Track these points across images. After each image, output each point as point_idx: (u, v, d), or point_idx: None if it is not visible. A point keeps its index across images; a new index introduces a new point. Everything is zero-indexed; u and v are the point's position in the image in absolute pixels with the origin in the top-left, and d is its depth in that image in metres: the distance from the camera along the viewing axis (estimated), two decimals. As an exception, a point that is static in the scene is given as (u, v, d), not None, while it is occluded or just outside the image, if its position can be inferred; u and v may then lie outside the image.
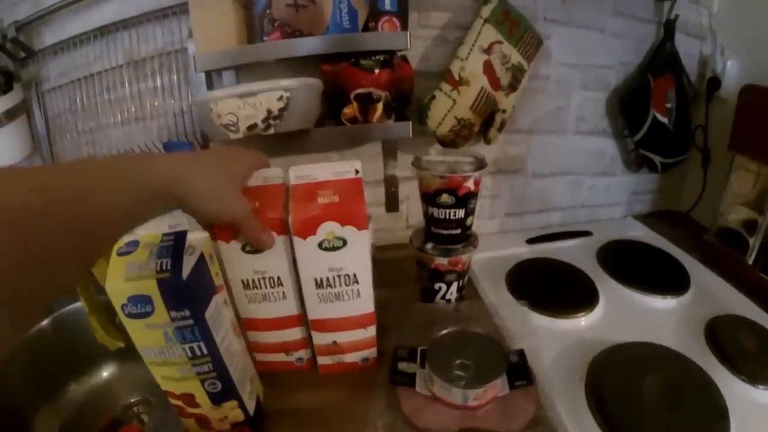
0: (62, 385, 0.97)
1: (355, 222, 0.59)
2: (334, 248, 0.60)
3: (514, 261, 0.99)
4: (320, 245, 0.60)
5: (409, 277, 0.88)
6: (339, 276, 0.63)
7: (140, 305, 0.48)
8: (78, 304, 0.95)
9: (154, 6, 0.91)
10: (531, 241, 1.08)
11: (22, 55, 0.95)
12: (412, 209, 1.08)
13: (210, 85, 0.92)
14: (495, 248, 1.02)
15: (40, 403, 0.92)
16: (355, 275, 0.63)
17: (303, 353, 0.73)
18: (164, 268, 0.48)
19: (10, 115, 0.93)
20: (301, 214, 0.59)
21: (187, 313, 0.49)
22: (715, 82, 1.07)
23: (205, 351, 0.53)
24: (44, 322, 0.95)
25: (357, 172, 0.62)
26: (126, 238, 0.51)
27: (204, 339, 0.52)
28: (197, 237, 0.55)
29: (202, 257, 0.53)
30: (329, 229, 0.59)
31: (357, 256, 0.62)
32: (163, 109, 0.96)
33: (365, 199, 0.61)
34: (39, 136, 1.01)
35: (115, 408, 0.98)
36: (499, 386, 0.65)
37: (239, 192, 0.54)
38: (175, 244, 0.50)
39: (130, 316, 0.49)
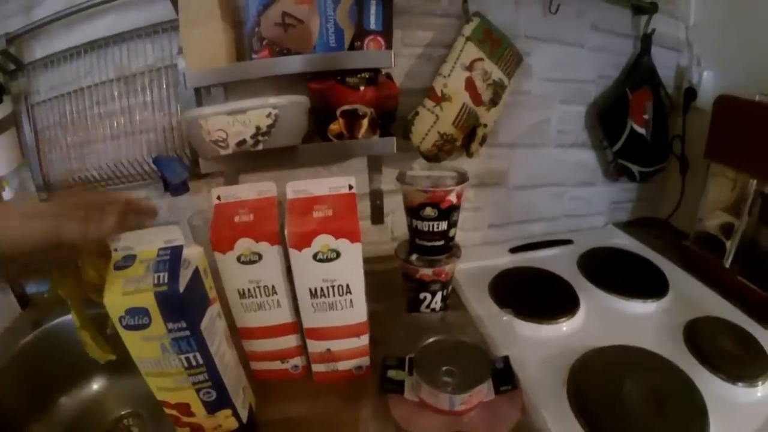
0: (53, 399, 1.00)
1: (348, 235, 0.65)
2: (328, 260, 0.66)
3: (497, 270, 1.06)
4: (315, 257, 0.66)
5: (394, 289, 0.93)
6: (333, 286, 0.68)
7: (138, 317, 0.52)
8: (66, 318, 0.99)
9: (144, 22, 0.96)
10: (513, 250, 1.15)
11: (12, 67, 0.99)
12: (397, 222, 1.14)
13: (199, 101, 0.97)
14: (478, 258, 1.08)
15: (31, 417, 0.95)
16: (348, 286, 0.69)
17: (298, 360, 0.79)
18: (161, 281, 0.51)
19: (0, 127, 0.96)
20: (297, 227, 0.64)
21: (183, 324, 0.53)
22: (691, 93, 1.15)
23: (200, 361, 0.56)
24: (30, 337, 0.99)
25: (351, 187, 0.68)
26: (122, 253, 0.55)
27: (200, 349, 0.56)
28: (192, 251, 0.59)
29: (197, 271, 0.57)
30: (324, 241, 0.65)
31: (350, 267, 0.67)
32: (152, 124, 1.00)
33: (353, 212, 0.66)
34: (28, 148, 1.04)
35: (105, 421, 1.01)
36: (484, 391, 0.70)
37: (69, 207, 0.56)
38: (172, 258, 0.54)
39: (128, 327, 0.52)
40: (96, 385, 1.06)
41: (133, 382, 0.97)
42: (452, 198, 0.80)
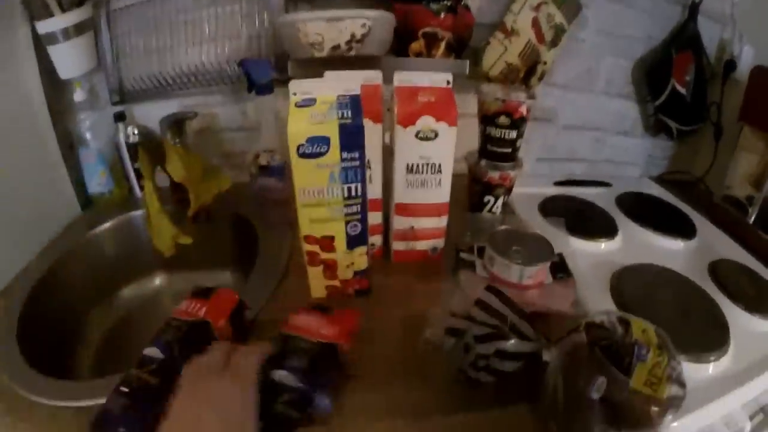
0: (115, 289, 1.18)
1: (446, 118, 0.83)
2: (427, 138, 0.84)
3: (544, 196, 1.27)
4: (417, 135, 0.83)
5: (455, 197, 1.08)
6: (427, 164, 0.86)
7: (317, 145, 0.69)
8: (136, 213, 1.17)
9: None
10: (558, 183, 1.37)
11: (95, -28, 1.13)
12: (457, 142, 1.29)
13: (287, 12, 1.13)
14: (527, 186, 1.28)
15: (95, 301, 1.12)
16: (440, 165, 0.87)
17: (377, 239, 0.97)
18: (345, 116, 0.69)
19: (79, 29, 1.10)
20: (405, 107, 0.82)
21: (357, 155, 0.71)
22: (731, 65, 1.34)
23: (360, 192, 0.74)
24: (107, 225, 1.16)
25: (449, 82, 0.86)
26: (302, 96, 0.71)
27: (361, 180, 0.73)
28: None
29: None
30: (426, 122, 0.83)
31: (444, 148, 0.85)
32: (236, 32, 1.16)
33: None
34: (104, 52, 1.19)
35: (165, 315, 1.17)
36: (547, 272, 0.88)
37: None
38: (352, 101, 0.70)
39: (304, 156, 0.69)
40: (158, 281, 1.23)
41: (192, 280, 1.15)
42: (523, 110, 0.99)
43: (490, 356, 0.66)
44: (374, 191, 0.91)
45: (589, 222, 1.16)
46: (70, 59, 1.12)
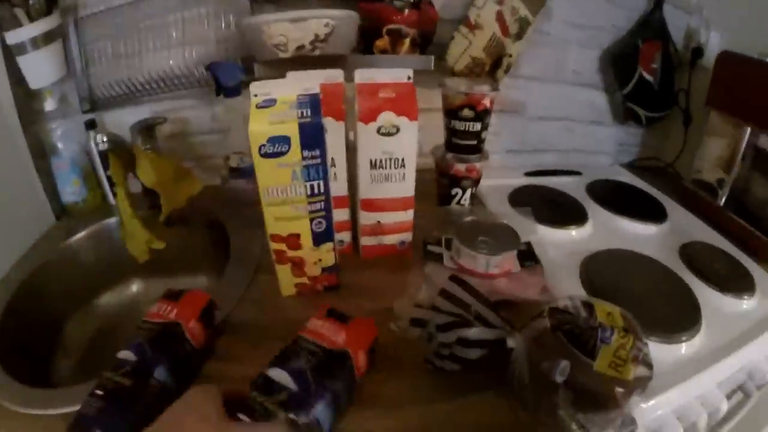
0: (92, 298, 1.18)
1: (407, 113, 0.85)
2: (389, 134, 0.86)
3: (514, 187, 1.29)
4: (378, 130, 0.85)
5: (424, 193, 1.06)
6: (390, 159, 0.88)
7: (278, 145, 0.70)
8: (111, 220, 1.17)
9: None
10: (528, 174, 1.39)
11: (62, -21, 1.13)
12: (425, 137, 1.29)
13: (253, 13, 1.14)
14: (497, 177, 1.30)
15: (73, 310, 1.13)
16: (403, 160, 0.88)
17: (345, 236, 0.99)
18: (305, 115, 0.71)
19: (47, 38, 1.11)
20: (366, 104, 0.84)
21: (317, 153, 0.72)
22: (698, 52, 1.37)
23: (322, 189, 0.76)
24: (82, 234, 1.16)
25: (409, 78, 0.87)
26: (262, 97, 0.73)
27: (324, 178, 0.75)
28: None
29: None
30: (387, 117, 0.85)
31: (407, 143, 0.87)
32: (204, 36, 1.17)
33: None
34: (73, 60, 1.20)
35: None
36: (513, 260, 0.90)
37: None
38: (311, 100, 0.72)
39: (266, 155, 0.71)
40: (134, 287, 1.24)
41: (168, 285, 1.16)
42: (486, 102, 1.01)
43: (452, 344, 0.67)
44: (340, 188, 0.93)
45: (559, 210, 1.18)
46: (39, 68, 1.12)
